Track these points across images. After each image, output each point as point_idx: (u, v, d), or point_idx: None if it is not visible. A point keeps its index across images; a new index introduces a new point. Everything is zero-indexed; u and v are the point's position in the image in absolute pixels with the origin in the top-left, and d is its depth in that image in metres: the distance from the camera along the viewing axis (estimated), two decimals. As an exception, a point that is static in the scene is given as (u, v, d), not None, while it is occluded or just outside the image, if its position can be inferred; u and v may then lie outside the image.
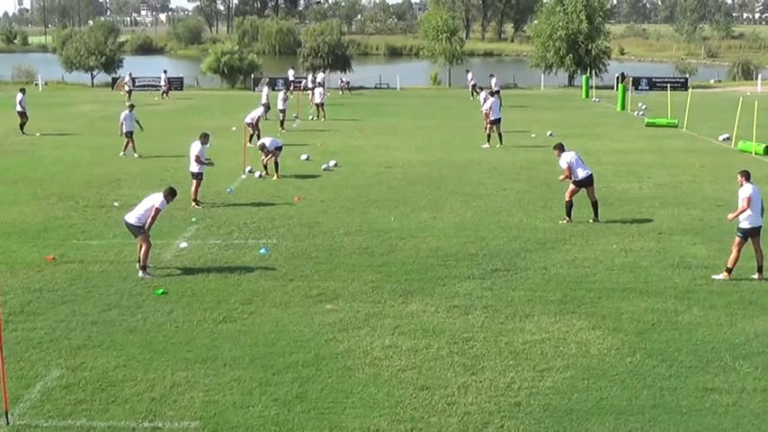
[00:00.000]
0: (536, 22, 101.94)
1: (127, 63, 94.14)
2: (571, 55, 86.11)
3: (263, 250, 21.43)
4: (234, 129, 45.18)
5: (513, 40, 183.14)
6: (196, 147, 26.84)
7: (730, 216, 19.35)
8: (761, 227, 18.99)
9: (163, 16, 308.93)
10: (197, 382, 13.64)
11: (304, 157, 36.41)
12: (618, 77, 75.45)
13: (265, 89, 52.94)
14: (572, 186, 24.41)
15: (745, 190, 18.93)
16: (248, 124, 38.47)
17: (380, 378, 13.81)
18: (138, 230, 19.28)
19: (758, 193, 19.08)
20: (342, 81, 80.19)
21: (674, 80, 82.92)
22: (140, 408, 12.69)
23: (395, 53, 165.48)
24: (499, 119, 40.62)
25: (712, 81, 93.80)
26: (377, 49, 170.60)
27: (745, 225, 18.84)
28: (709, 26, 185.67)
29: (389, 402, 12.90)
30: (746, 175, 19.31)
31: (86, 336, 15.64)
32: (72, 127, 48.75)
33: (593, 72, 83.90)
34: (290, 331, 15.92)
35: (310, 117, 53.96)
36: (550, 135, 44.52)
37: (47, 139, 43.12)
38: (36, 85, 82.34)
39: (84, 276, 19.28)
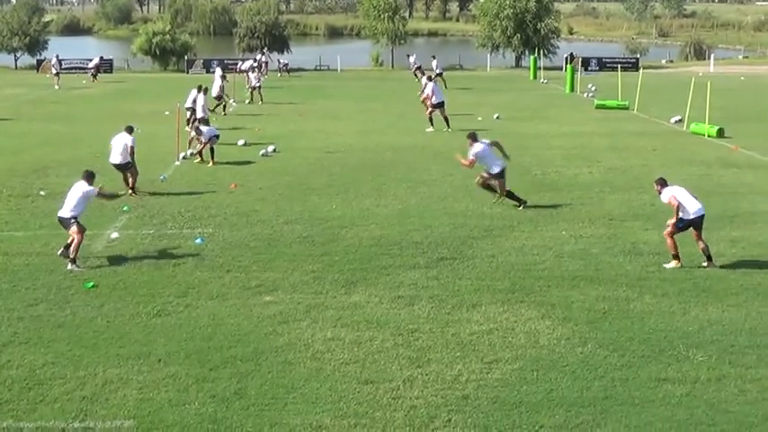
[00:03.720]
0: (482, 0, 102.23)
1: (53, 44, 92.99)
2: (519, 35, 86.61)
3: (198, 240, 21.33)
4: (167, 113, 44.86)
5: (458, 20, 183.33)
6: (127, 138, 26.40)
7: (670, 222, 19.40)
8: (702, 216, 19.08)
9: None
10: (130, 379, 13.53)
11: (241, 142, 36.30)
12: (567, 58, 76.01)
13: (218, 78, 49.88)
14: (486, 175, 24.74)
15: (666, 194, 19.13)
16: (189, 108, 38.30)
17: (323, 372, 13.80)
18: (70, 222, 19.20)
19: (681, 189, 19.27)
20: (280, 63, 79.94)
21: (624, 60, 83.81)
22: (70, 407, 12.56)
23: (335, 33, 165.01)
24: (442, 102, 40.72)
25: (664, 61, 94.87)
26: (316, 28, 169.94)
27: (683, 216, 18.99)
28: (660, 4, 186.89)
29: (332, 397, 12.89)
30: (662, 183, 19.49)
31: (12, 332, 15.46)
32: (-6, 112, 48.17)
33: (542, 52, 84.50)
34: (227, 325, 15.86)
35: (246, 101, 53.62)
36: (497, 118, 44.78)
37: (-32, 125, 42.60)
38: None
39: (8, 269, 19.05)
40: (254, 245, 21.09)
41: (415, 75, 66.98)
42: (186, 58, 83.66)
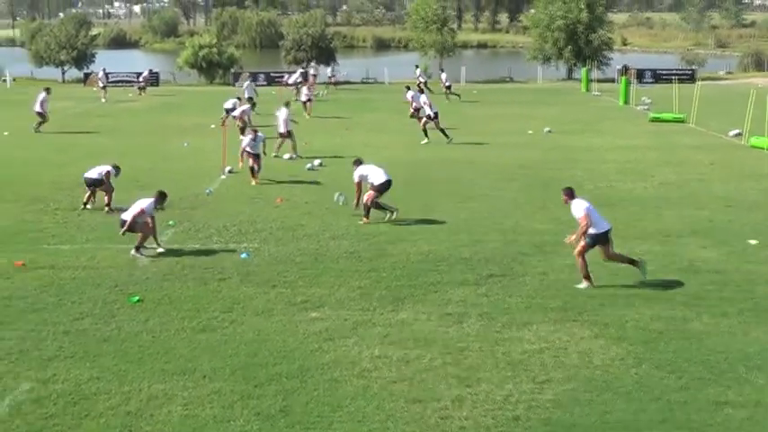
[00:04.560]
0: (533, 11, 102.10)
1: (99, 57, 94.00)
2: (570, 46, 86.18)
3: (244, 255, 21.38)
4: (213, 126, 45.18)
5: (508, 31, 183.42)
6: (106, 167, 26.62)
7: (571, 239, 19.02)
8: (609, 230, 18.86)
9: (137, 8, 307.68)
10: (175, 394, 13.57)
11: (287, 156, 36.39)
12: (620, 70, 75.64)
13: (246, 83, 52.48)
14: (371, 193, 25.09)
15: (577, 209, 18.79)
16: (236, 117, 39.13)
17: (369, 390, 13.76)
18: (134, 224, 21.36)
19: (588, 204, 18.96)
20: (334, 68, 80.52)
21: (680, 72, 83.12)
22: (115, 422, 12.61)
23: (383, 45, 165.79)
24: (436, 113, 41.50)
25: (722, 72, 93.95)
26: (363, 41, 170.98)
27: (591, 231, 18.68)
28: (718, 14, 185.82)
29: (379, 416, 12.85)
30: (569, 193, 19.22)
31: (58, 346, 15.56)
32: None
33: (594, 64, 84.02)
34: (273, 341, 15.86)
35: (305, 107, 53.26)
36: (548, 132, 44.59)
37: (15, 139, 43.03)
38: (4, 80, 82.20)
39: (55, 283, 19.20)
40: (299, 260, 21.10)
41: (427, 88, 66.42)
42: (232, 70, 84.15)
